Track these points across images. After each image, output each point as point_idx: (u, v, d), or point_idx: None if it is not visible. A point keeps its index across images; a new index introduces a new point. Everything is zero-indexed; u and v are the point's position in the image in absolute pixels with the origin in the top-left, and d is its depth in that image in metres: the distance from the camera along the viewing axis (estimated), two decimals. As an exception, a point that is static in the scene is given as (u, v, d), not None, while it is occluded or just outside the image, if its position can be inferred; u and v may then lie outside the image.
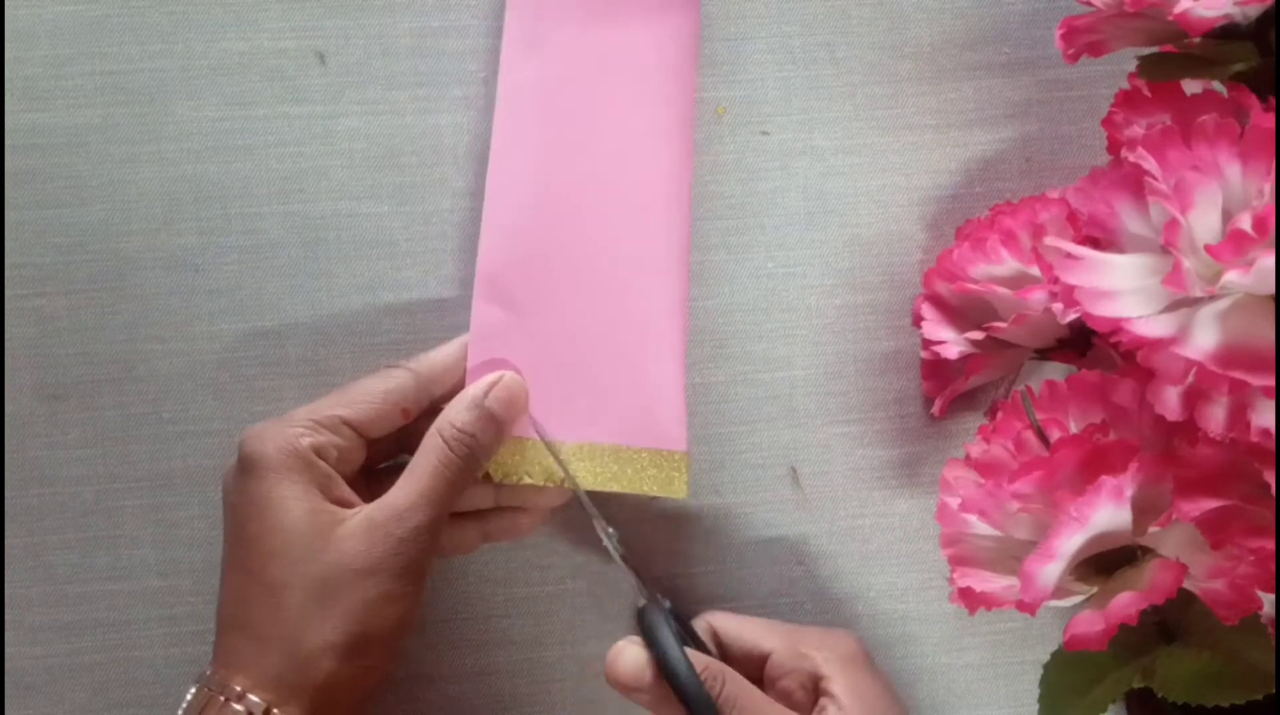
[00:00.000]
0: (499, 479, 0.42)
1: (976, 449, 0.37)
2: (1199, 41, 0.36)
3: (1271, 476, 0.32)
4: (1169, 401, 0.32)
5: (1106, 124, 0.38)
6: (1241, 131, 0.32)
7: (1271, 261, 0.30)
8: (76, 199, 0.45)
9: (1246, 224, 0.30)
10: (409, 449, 0.40)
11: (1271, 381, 0.30)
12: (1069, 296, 0.33)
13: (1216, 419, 0.32)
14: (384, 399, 0.40)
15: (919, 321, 0.44)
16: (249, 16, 0.45)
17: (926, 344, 0.44)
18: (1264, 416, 0.31)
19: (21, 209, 0.45)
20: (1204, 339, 0.31)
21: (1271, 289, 0.30)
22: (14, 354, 0.45)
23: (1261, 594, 0.33)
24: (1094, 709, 0.36)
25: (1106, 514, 0.33)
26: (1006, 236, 0.41)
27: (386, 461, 0.43)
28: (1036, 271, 0.39)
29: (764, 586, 0.46)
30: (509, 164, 0.44)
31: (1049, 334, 0.41)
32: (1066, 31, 0.37)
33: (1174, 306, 0.32)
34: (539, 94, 0.44)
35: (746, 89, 0.46)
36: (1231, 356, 0.30)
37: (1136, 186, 0.34)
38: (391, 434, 0.42)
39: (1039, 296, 0.39)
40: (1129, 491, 0.33)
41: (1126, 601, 0.33)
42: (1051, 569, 0.34)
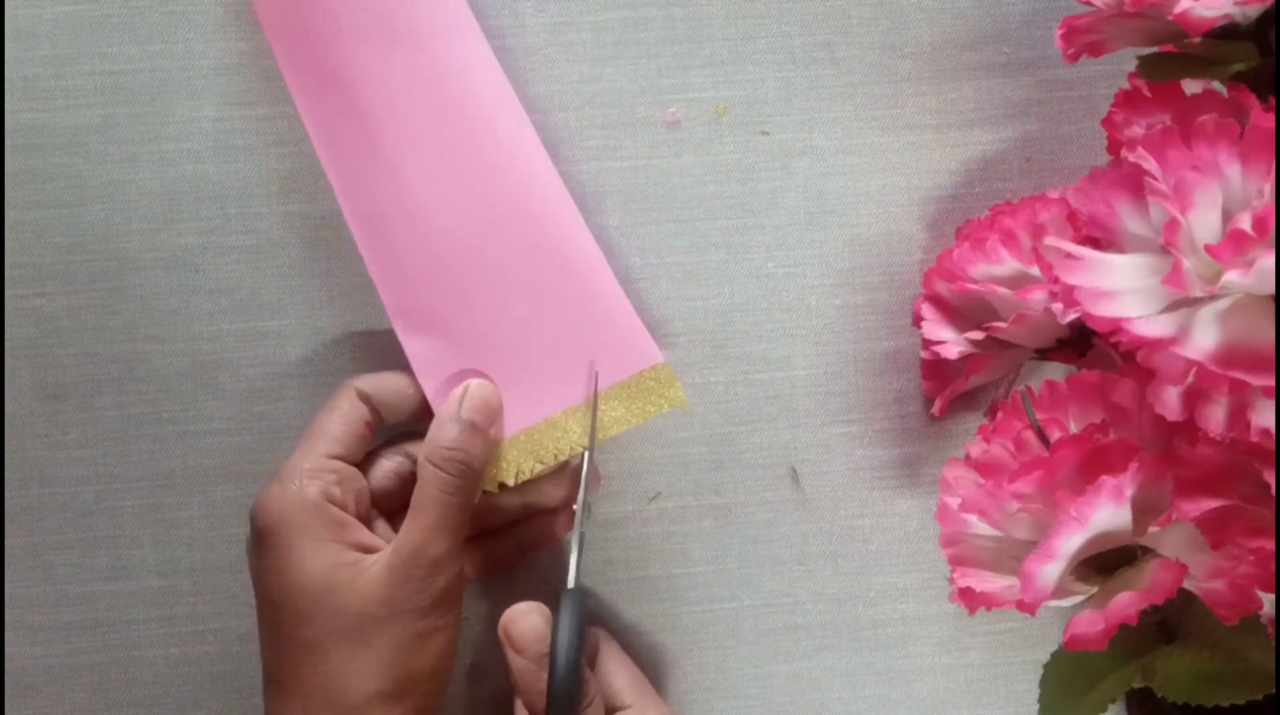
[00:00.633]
0: (514, 481, 0.42)
1: (976, 449, 0.37)
2: (1199, 41, 0.36)
3: (1271, 476, 0.32)
4: (1169, 401, 0.33)
5: (1106, 124, 0.38)
6: (1241, 131, 0.32)
7: (1271, 261, 0.30)
8: (76, 199, 0.45)
9: (1246, 224, 0.30)
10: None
11: (1271, 381, 0.30)
12: (1069, 296, 0.33)
13: (1216, 419, 0.32)
14: (345, 421, 0.41)
15: (919, 321, 0.44)
16: (249, 16, 0.45)
17: (926, 344, 0.44)
18: (1264, 416, 0.31)
19: (21, 209, 0.45)
20: (1204, 339, 0.31)
21: (1271, 289, 0.30)
22: (14, 354, 0.45)
23: (1261, 594, 0.33)
24: (1094, 709, 0.36)
25: (1106, 514, 0.33)
26: (1006, 236, 0.41)
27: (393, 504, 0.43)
28: (1036, 271, 0.39)
29: (764, 586, 0.46)
30: (352, 189, 0.43)
31: (1049, 334, 0.41)
32: (1066, 31, 0.37)
33: (1174, 306, 0.32)
34: (341, 108, 0.43)
35: (746, 89, 0.46)
36: (1231, 356, 0.30)
37: (1136, 186, 0.34)
38: (395, 475, 0.42)
39: (1039, 296, 0.39)
40: (1129, 491, 0.33)
41: (1126, 601, 0.33)
42: (1051, 569, 0.34)
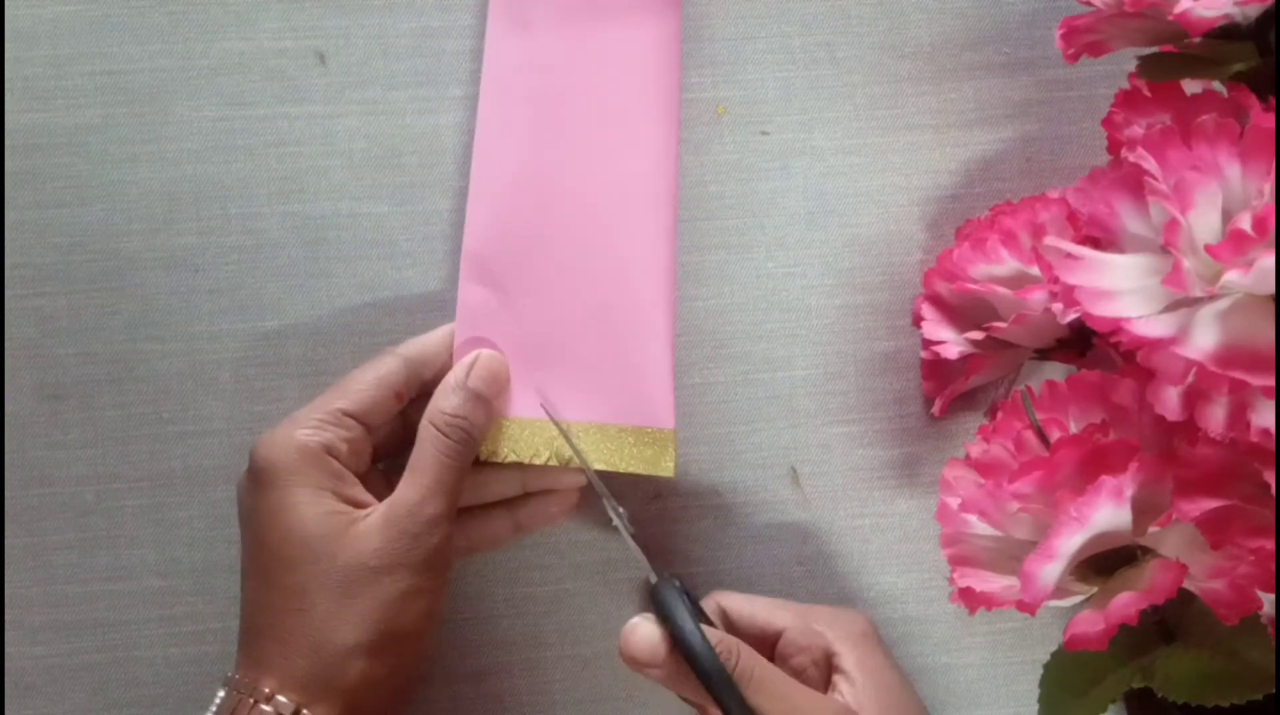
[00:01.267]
0: (506, 458, 0.42)
1: (976, 449, 0.37)
2: (1199, 41, 0.36)
3: (1271, 476, 0.32)
4: (1169, 401, 0.32)
5: (1106, 124, 0.38)
6: (1241, 131, 0.32)
7: (1271, 261, 0.30)
8: (76, 199, 0.45)
9: (1246, 224, 0.30)
10: (411, 443, 0.41)
11: (1271, 381, 0.30)
12: (1069, 296, 0.32)
13: (1216, 419, 0.32)
14: (376, 385, 0.41)
15: (919, 321, 0.44)
16: (249, 16, 0.45)
17: (926, 344, 0.44)
18: (1264, 416, 0.31)
19: (21, 209, 0.45)
20: (1204, 339, 0.31)
21: (1271, 289, 0.30)
22: (14, 354, 0.45)
23: (1261, 594, 0.33)
24: (1094, 709, 0.36)
25: (1106, 514, 0.33)
26: (1006, 236, 0.41)
27: (390, 456, 0.43)
28: (1036, 271, 0.39)
29: (764, 587, 0.46)
30: (494, 145, 0.44)
31: (1049, 334, 0.41)
32: (1066, 31, 0.37)
33: (1174, 306, 0.32)
34: (523, 77, 0.44)
35: (746, 89, 0.46)
36: (1231, 356, 0.30)
37: (1136, 186, 0.34)
38: (395, 430, 0.42)
39: (1039, 296, 0.39)
40: (1129, 491, 0.33)
41: (1126, 601, 0.33)
42: (1051, 569, 0.34)
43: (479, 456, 0.42)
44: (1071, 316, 0.33)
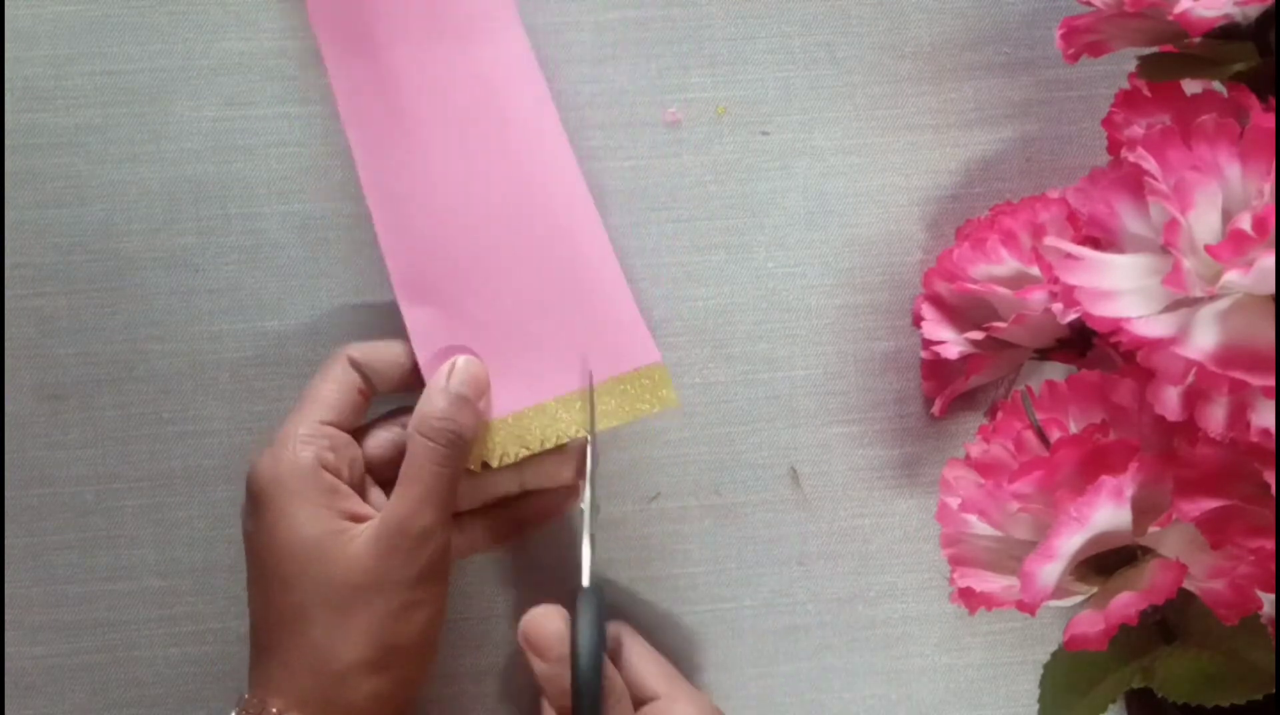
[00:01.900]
0: (497, 463, 0.42)
1: (976, 449, 0.37)
2: (1199, 41, 0.36)
3: (1271, 476, 0.32)
4: (1169, 401, 0.32)
5: (1106, 124, 0.38)
6: (1241, 131, 0.32)
7: (1271, 261, 0.30)
8: (76, 199, 0.45)
9: (1246, 224, 0.30)
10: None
11: (1271, 381, 0.30)
12: (1069, 296, 0.32)
13: (1216, 419, 0.32)
14: (339, 388, 0.41)
15: (919, 321, 0.44)
16: (249, 16, 0.45)
17: (926, 344, 0.44)
18: (1264, 416, 0.31)
19: (21, 209, 0.45)
20: (1204, 339, 0.31)
21: (1271, 289, 0.30)
22: (14, 354, 0.45)
23: (1261, 594, 0.33)
24: (1094, 709, 0.36)
25: (1106, 514, 0.33)
26: (1006, 236, 0.41)
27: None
28: (1036, 271, 0.39)
29: (764, 586, 0.46)
30: (377, 168, 0.43)
31: (1049, 334, 0.41)
32: (1066, 31, 0.37)
33: (1174, 306, 0.32)
34: (378, 99, 0.43)
35: (746, 89, 0.46)
36: (1231, 356, 0.30)
37: (1136, 186, 0.34)
38: (390, 450, 0.42)
39: (1039, 296, 0.39)
40: (1129, 491, 0.33)
41: (1126, 601, 0.33)
42: (1051, 569, 0.34)
43: (479, 466, 0.42)
44: (1071, 316, 0.33)
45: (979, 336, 0.41)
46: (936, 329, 0.43)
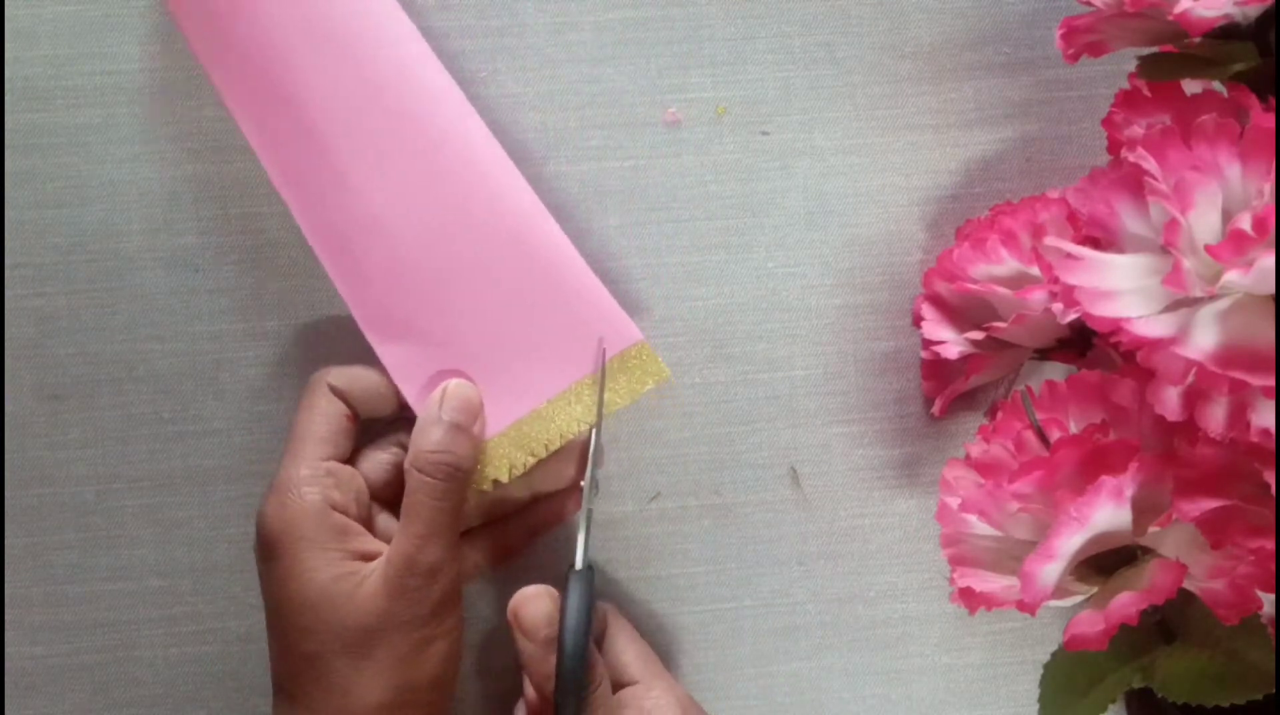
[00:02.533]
0: (508, 476, 0.42)
1: (976, 449, 0.37)
2: (1199, 41, 0.36)
3: (1271, 476, 0.32)
4: (1169, 401, 0.32)
5: (1106, 124, 0.38)
6: (1241, 131, 0.32)
7: (1271, 261, 0.30)
8: (76, 199, 0.45)
9: (1246, 224, 0.30)
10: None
11: (1271, 381, 0.30)
12: (1069, 296, 0.32)
13: (1216, 419, 0.32)
14: (327, 419, 0.40)
15: (919, 321, 0.44)
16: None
17: (926, 344, 0.44)
18: (1264, 416, 0.31)
19: (21, 209, 0.45)
20: (1204, 339, 0.31)
21: (1271, 289, 0.30)
22: (14, 354, 0.45)
23: (1261, 594, 0.33)
24: (1094, 709, 0.36)
25: (1106, 514, 0.33)
26: (1006, 236, 0.41)
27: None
28: (1036, 271, 0.39)
29: (764, 586, 0.46)
30: (313, 212, 0.42)
31: (1049, 334, 0.41)
32: (1066, 31, 0.37)
33: (1174, 306, 0.32)
34: (295, 140, 0.42)
35: (746, 89, 0.46)
36: (1231, 356, 0.30)
37: (1136, 186, 0.34)
38: (393, 479, 0.42)
39: (1039, 296, 0.39)
40: (1129, 491, 0.33)
41: (1126, 601, 0.33)
42: (1051, 569, 0.34)
43: (491, 485, 0.42)
44: (1071, 316, 0.33)
45: (979, 336, 0.41)
46: (936, 329, 0.43)
